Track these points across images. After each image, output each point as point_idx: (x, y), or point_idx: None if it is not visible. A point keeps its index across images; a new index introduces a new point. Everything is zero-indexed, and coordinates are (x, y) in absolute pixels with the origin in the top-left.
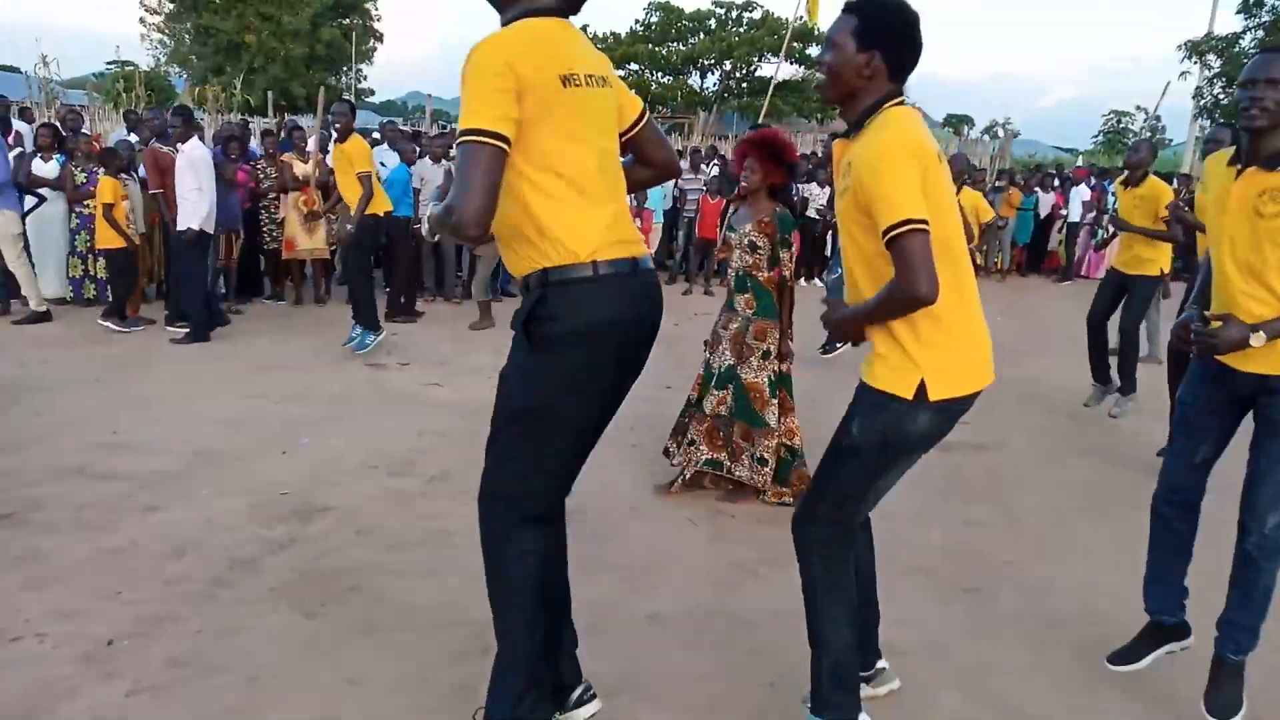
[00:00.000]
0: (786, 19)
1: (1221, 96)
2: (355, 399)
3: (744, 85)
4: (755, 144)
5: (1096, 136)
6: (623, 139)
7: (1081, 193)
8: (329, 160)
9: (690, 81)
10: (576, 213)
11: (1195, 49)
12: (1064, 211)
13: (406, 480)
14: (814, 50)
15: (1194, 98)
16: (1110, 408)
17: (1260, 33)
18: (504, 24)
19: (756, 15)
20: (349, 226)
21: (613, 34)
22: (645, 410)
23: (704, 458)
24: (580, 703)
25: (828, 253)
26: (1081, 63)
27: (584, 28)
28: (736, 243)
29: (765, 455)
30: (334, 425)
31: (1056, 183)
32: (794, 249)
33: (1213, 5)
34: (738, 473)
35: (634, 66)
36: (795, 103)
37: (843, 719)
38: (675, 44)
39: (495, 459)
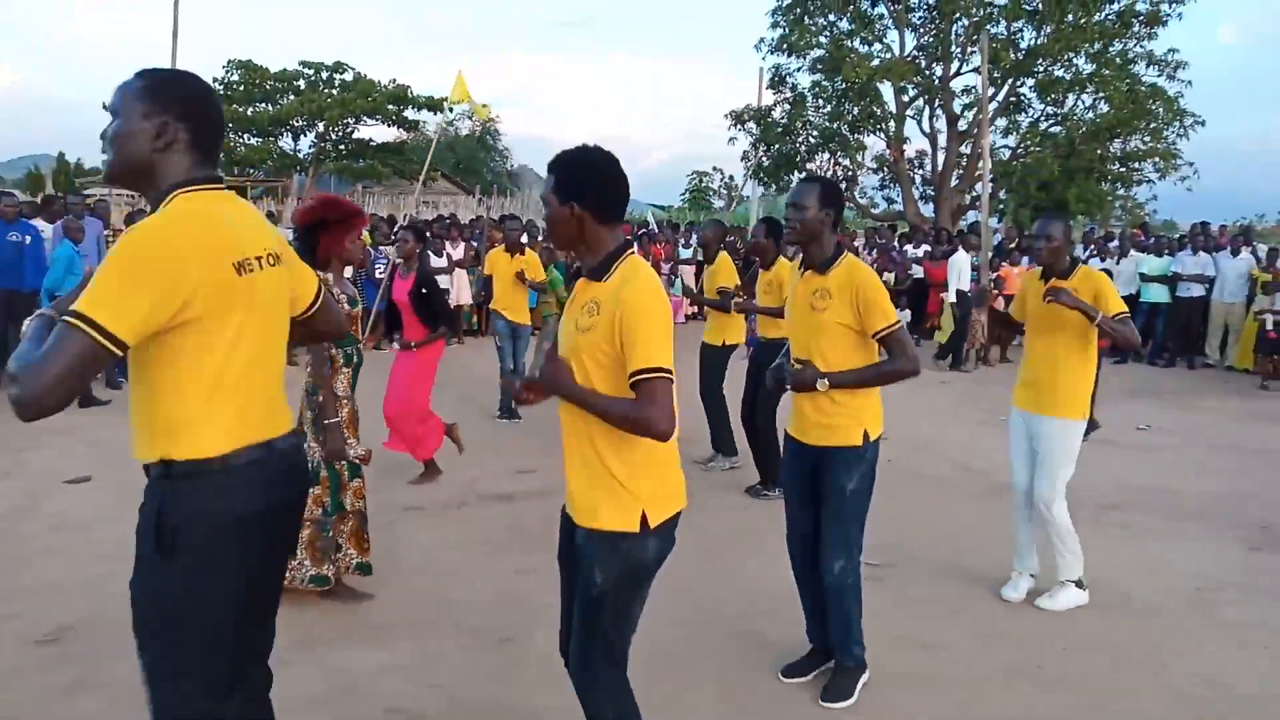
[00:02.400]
0: (379, 81)
1: (765, 160)
2: None
3: (341, 148)
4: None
5: (684, 194)
6: (297, 320)
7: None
8: None
9: (281, 144)
10: (218, 414)
11: (738, 118)
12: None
13: None
14: (410, 113)
15: (742, 160)
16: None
17: (787, 105)
18: (156, 203)
19: (348, 77)
20: None
21: None
22: None
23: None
24: None
25: None
26: (678, 127)
27: None
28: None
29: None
30: None
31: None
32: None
33: (759, 83)
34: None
35: None
36: (396, 165)
37: None
38: (262, 105)
39: (160, 694)
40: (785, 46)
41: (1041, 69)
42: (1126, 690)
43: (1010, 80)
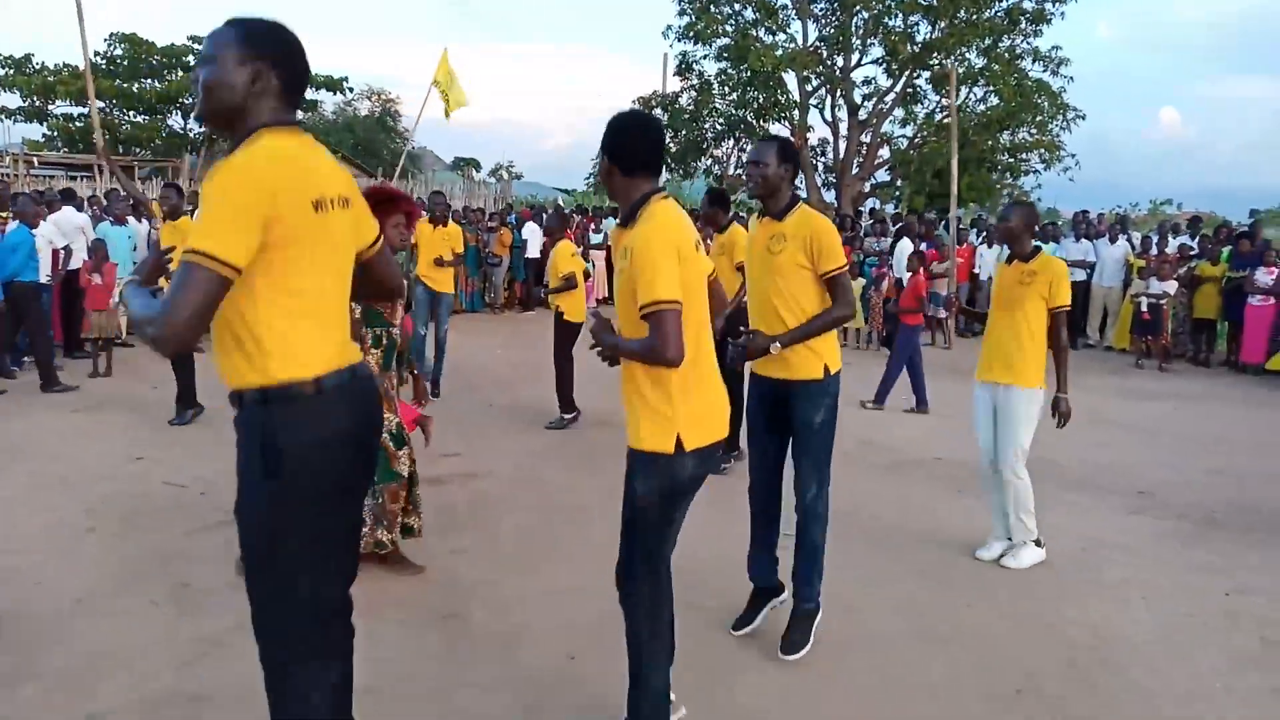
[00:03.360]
0: None
1: (672, 146)
2: None
3: None
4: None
5: (588, 178)
6: (360, 262)
7: (534, 230)
8: None
9: (171, 122)
10: (295, 329)
11: (647, 104)
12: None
13: None
14: (309, 92)
15: None
16: None
17: (694, 92)
18: (239, 141)
19: None
20: None
21: (67, 66)
22: (110, 491)
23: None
24: None
25: None
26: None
27: (28, 57)
28: None
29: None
30: None
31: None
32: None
33: (663, 69)
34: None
35: (100, 104)
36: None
37: None
38: (149, 81)
39: (256, 605)
40: (692, 34)
41: (936, 62)
42: (1022, 641)
43: (907, 72)
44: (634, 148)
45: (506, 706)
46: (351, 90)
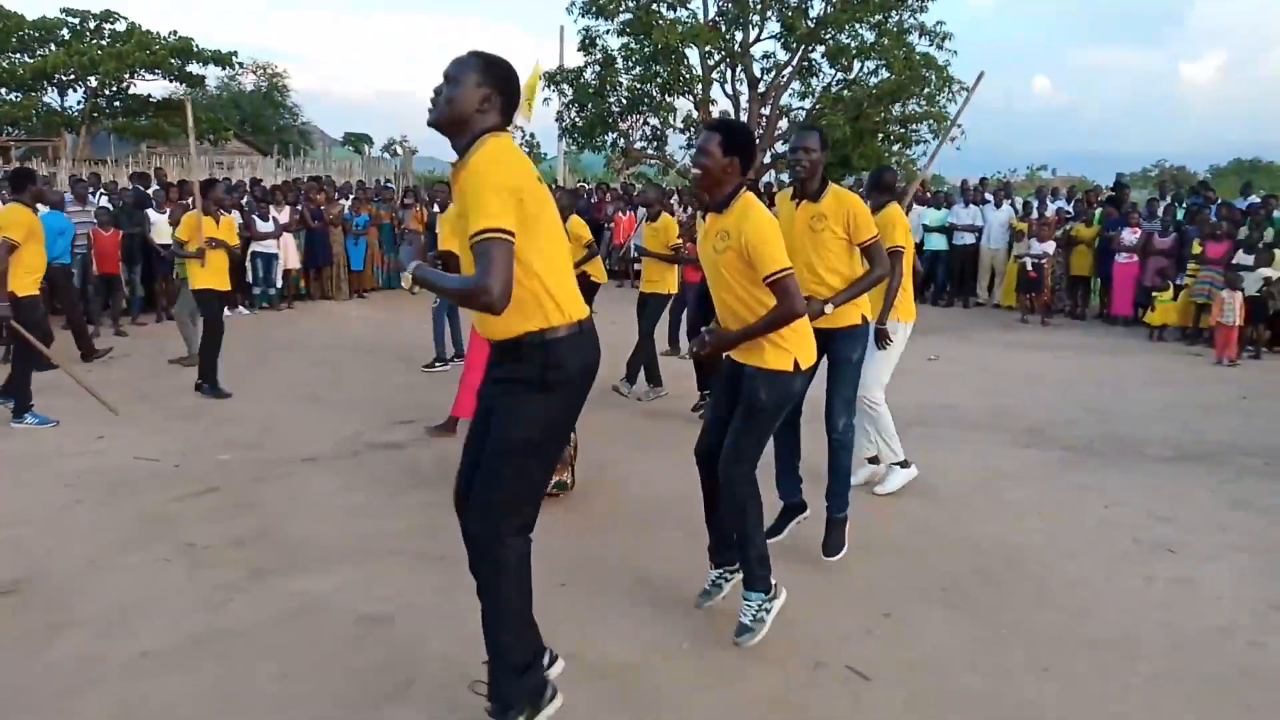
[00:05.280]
0: (158, 33)
1: (578, 120)
2: None
3: (116, 104)
4: None
5: None
6: None
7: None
8: None
9: (47, 99)
10: (564, 284)
11: (552, 79)
12: None
13: None
14: (195, 67)
15: (557, 120)
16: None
17: (597, 67)
18: (464, 145)
19: (119, 26)
20: None
21: None
22: (82, 466)
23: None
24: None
25: None
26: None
27: None
28: None
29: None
30: None
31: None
32: None
33: (560, 43)
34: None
35: None
36: (182, 124)
37: (767, 590)
38: (19, 55)
39: (504, 482)
40: (594, 9)
41: (829, 37)
42: (935, 553)
43: (803, 46)
44: (752, 151)
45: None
46: (241, 65)
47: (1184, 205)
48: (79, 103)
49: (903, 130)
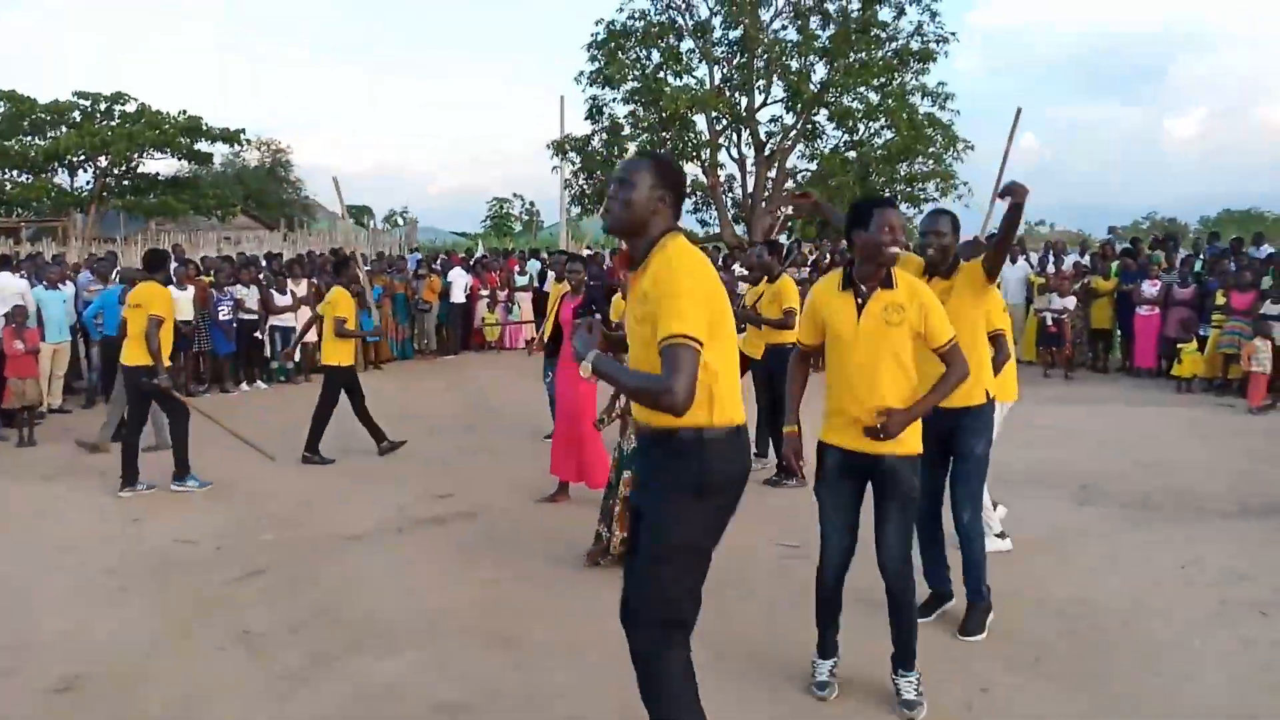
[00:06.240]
0: (167, 112)
1: (586, 188)
2: None
3: (125, 183)
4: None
5: (485, 221)
6: None
7: (460, 275)
8: None
9: (57, 180)
10: (732, 387)
11: (559, 147)
12: (483, 292)
13: None
14: (204, 145)
15: (564, 188)
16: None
17: (604, 135)
18: (644, 246)
19: (130, 108)
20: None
21: None
22: (121, 551)
23: (619, 537)
24: None
25: None
26: (462, 153)
27: None
28: None
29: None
30: None
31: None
32: None
33: (560, 112)
34: None
35: None
36: (191, 200)
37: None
38: (31, 138)
39: (661, 588)
40: (602, 79)
41: (833, 100)
42: (1017, 617)
43: (808, 110)
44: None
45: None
46: (249, 142)
47: (1202, 256)
48: (88, 182)
49: (909, 190)
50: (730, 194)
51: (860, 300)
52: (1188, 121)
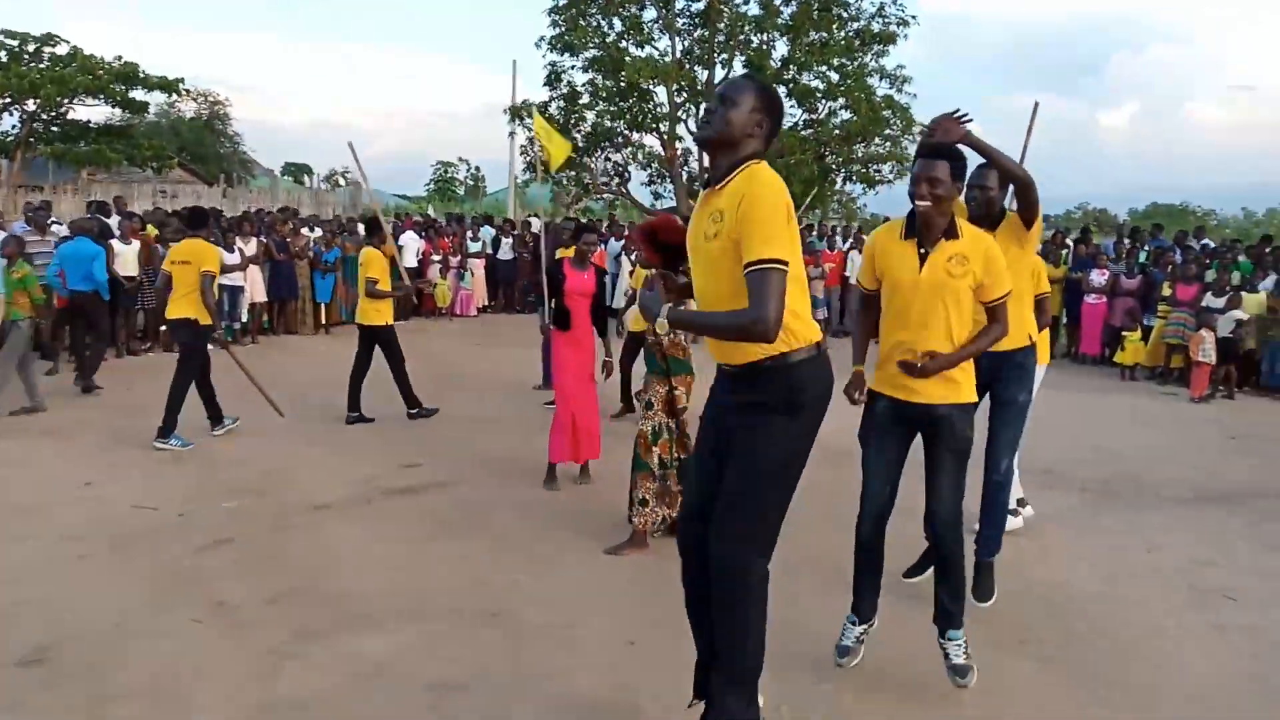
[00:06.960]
0: (101, 58)
1: (542, 154)
2: None
3: (54, 129)
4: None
5: (429, 185)
6: None
7: (412, 239)
8: None
9: None
10: (805, 308)
11: (515, 113)
12: (435, 257)
13: None
14: (140, 93)
15: (522, 154)
16: None
17: (562, 101)
18: (730, 164)
19: (61, 50)
20: None
21: None
22: (77, 517)
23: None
24: None
25: None
26: (400, 115)
27: None
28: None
29: (646, 497)
30: None
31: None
32: None
33: (513, 77)
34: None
35: None
36: (125, 150)
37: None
38: None
39: (761, 506)
40: (562, 45)
41: (792, 79)
42: (999, 599)
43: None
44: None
45: (597, 690)
46: (187, 92)
47: (1146, 248)
48: (14, 127)
49: (865, 170)
50: (687, 168)
51: (923, 250)
52: (1120, 115)
